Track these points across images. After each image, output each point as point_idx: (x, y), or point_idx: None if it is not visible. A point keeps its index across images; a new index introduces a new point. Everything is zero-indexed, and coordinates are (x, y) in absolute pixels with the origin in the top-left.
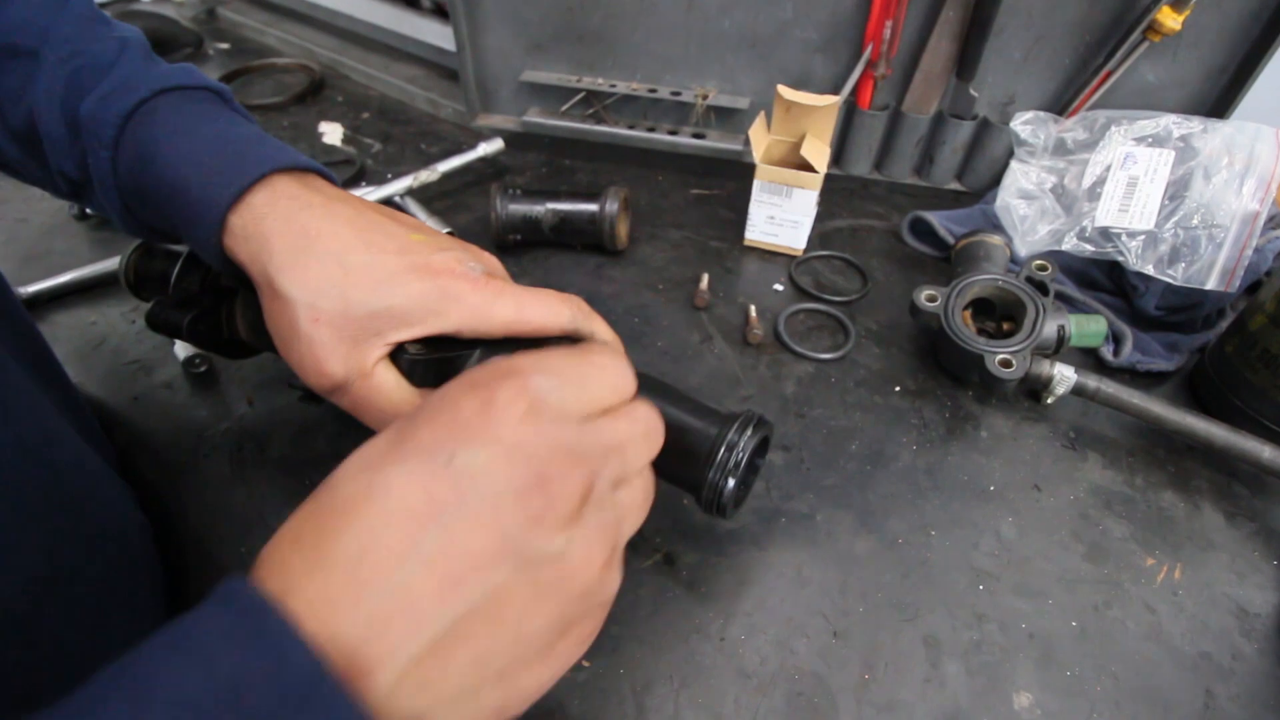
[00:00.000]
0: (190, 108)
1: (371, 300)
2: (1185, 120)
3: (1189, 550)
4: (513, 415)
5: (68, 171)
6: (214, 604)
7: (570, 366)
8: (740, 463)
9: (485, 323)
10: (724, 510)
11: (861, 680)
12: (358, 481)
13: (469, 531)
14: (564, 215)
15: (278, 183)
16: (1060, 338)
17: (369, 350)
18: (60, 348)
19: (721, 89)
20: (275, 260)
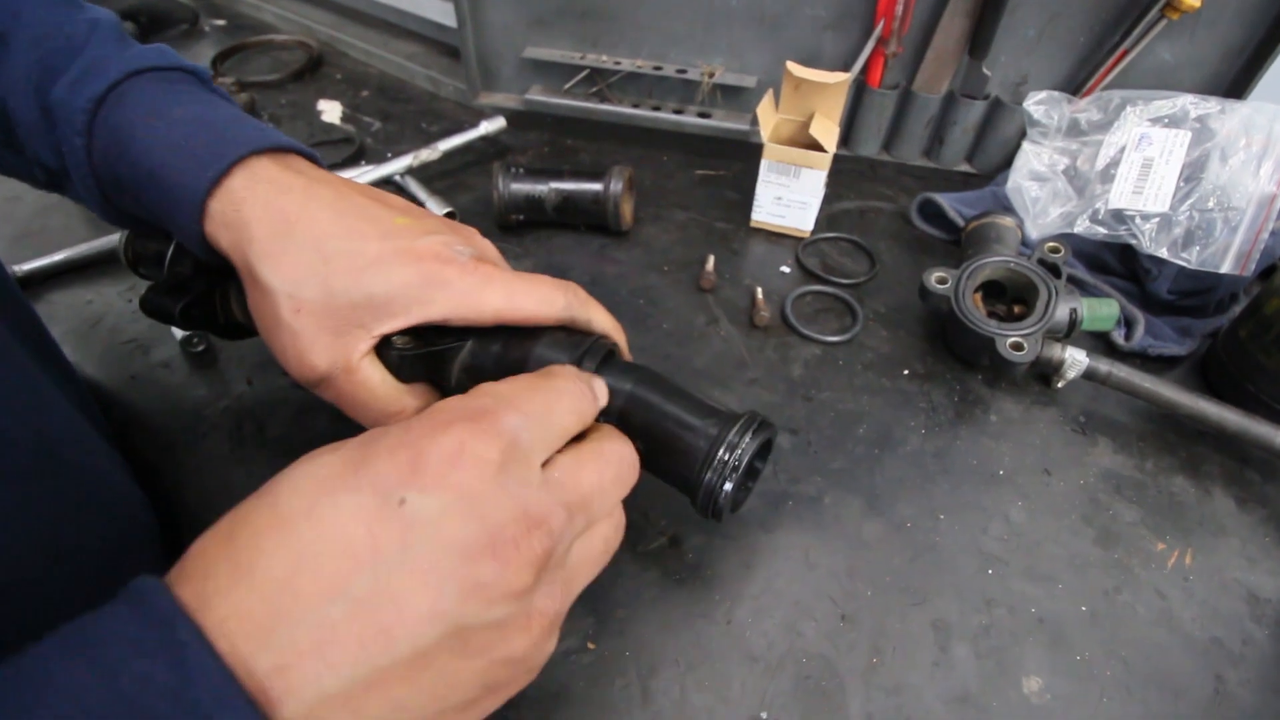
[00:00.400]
0: (164, 90)
1: (354, 289)
2: (1202, 101)
3: (1200, 535)
4: (482, 465)
5: (45, 160)
6: (123, 604)
7: (534, 398)
8: (739, 466)
9: (474, 311)
10: (719, 515)
11: (870, 664)
12: (302, 498)
13: (406, 586)
14: (567, 195)
15: (257, 165)
16: (1072, 321)
17: (353, 343)
18: (57, 327)
19: (728, 67)
20: (255, 248)
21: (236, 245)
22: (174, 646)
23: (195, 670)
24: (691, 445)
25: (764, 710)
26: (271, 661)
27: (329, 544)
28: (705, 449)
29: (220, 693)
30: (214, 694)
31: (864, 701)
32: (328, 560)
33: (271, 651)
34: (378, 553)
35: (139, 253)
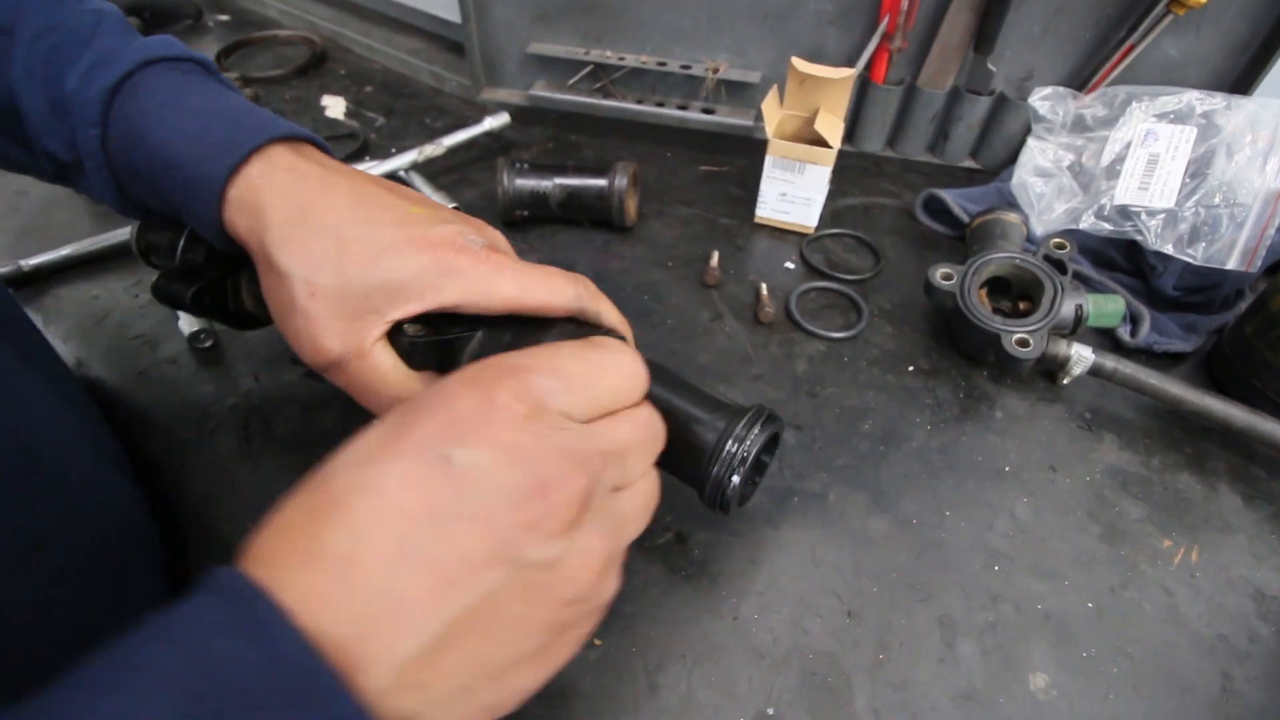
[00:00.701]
0: (176, 80)
1: (369, 275)
2: (1208, 96)
3: (1206, 532)
4: (512, 416)
5: (55, 152)
6: (206, 593)
7: (578, 367)
8: (747, 459)
9: (486, 299)
10: (726, 507)
11: (876, 660)
12: (351, 475)
13: (464, 534)
14: (572, 190)
15: (273, 153)
16: (1078, 317)
17: (367, 328)
18: (62, 322)
19: (732, 62)
20: (272, 234)
21: (253, 231)
22: (258, 624)
23: (282, 645)
24: (699, 438)
25: (770, 706)
26: (350, 633)
27: (385, 512)
28: (713, 442)
29: (307, 666)
30: (302, 668)
31: (870, 698)
32: (386, 527)
33: (349, 624)
34: (432, 510)
35: (151, 243)
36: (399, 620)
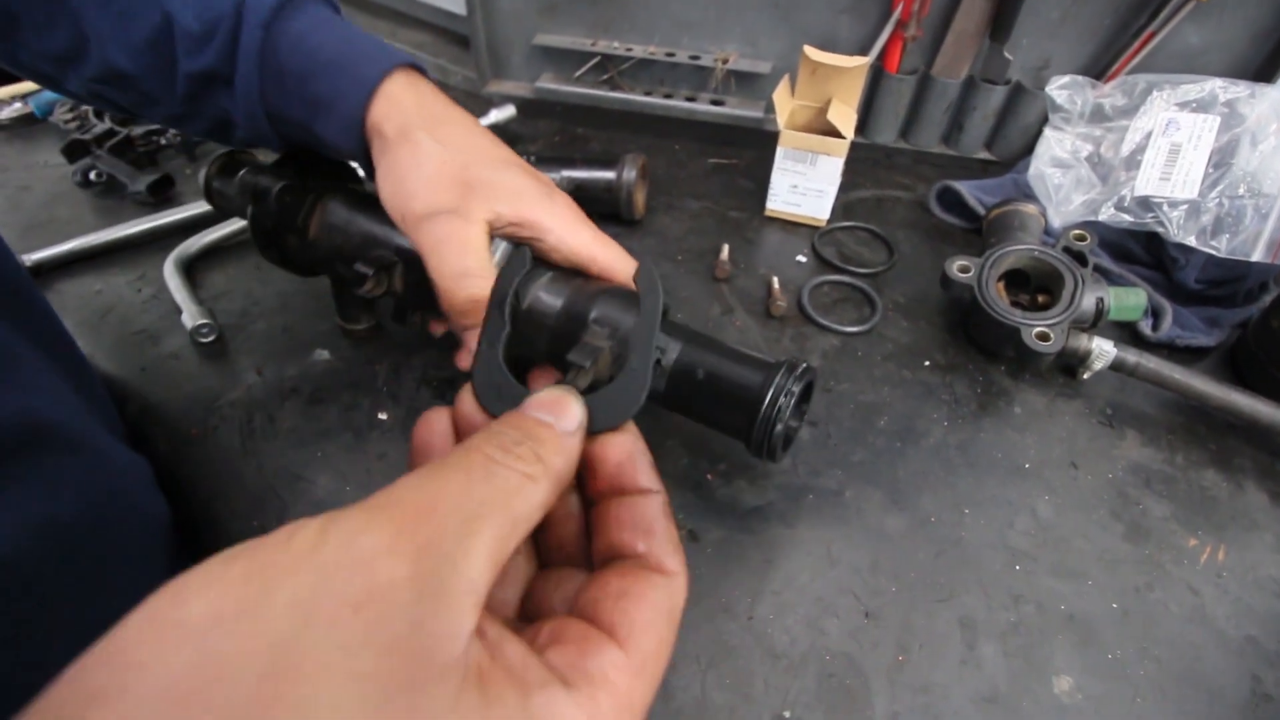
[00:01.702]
0: (323, 9)
1: (488, 173)
2: (1231, 84)
3: (1233, 531)
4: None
5: (200, 67)
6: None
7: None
8: (788, 407)
9: (571, 235)
10: (773, 453)
11: (895, 662)
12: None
13: None
14: (580, 183)
15: (411, 74)
16: (1099, 311)
17: (475, 202)
18: (66, 318)
19: (742, 53)
20: (413, 120)
21: (396, 119)
22: None
23: None
24: (742, 393)
25: (787, 709)
26: None
27: None
28: (755, 395)
29: None
30: None
31: (890, 701)
32: None
33: None
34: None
35: (219, 190)
36: None
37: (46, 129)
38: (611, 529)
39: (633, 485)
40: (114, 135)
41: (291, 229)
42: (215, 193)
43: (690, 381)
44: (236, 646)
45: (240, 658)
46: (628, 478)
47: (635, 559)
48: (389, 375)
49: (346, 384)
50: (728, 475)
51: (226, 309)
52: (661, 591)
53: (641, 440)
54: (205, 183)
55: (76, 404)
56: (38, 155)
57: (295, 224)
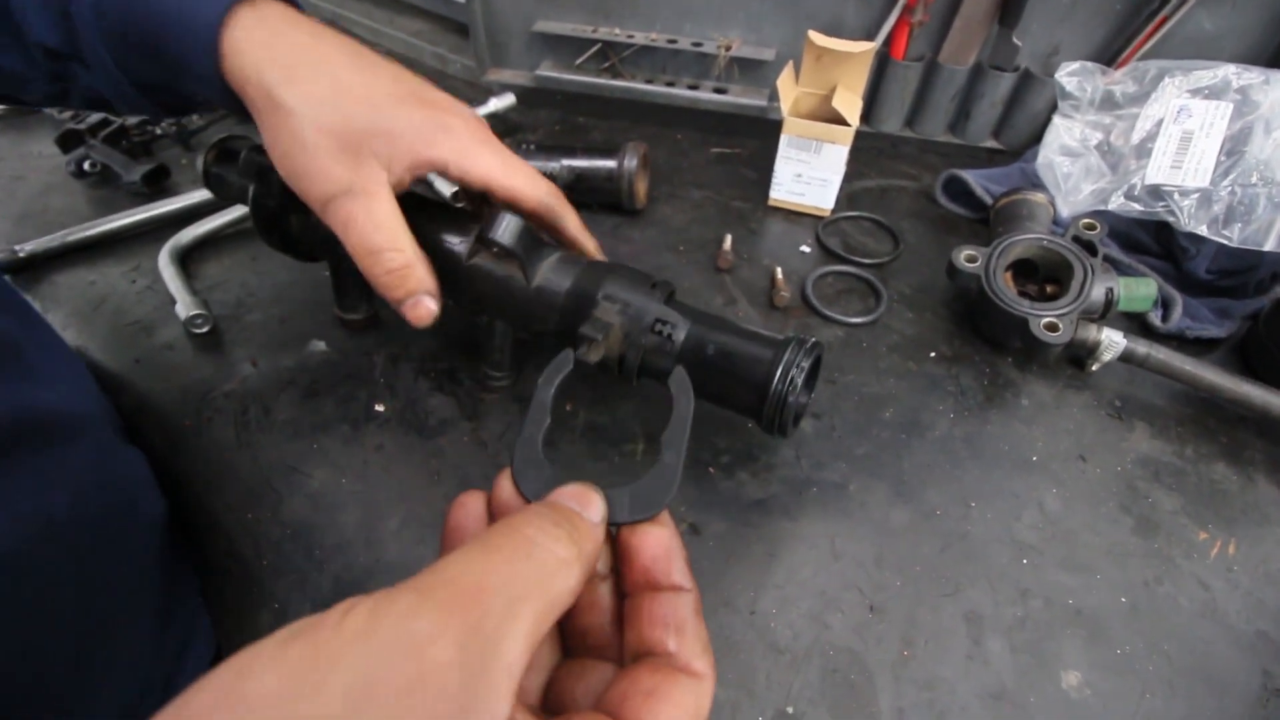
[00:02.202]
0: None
1: (370, 119)
2: (1244, 71)
3: (1244, 524)
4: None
5: (46, 39)
6: None
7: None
8: (799, 381)
9: (472, 164)
10: (784, 428)
11: (900, 657)
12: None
13: None
14: (580, 172)
15: (259, 4)
16: (1108, 301)
17: (372, 168)
18: (59, 309)
19: (746, 39)
20: (272, 74)
21: (253, 72)
22: None
23: None
24: (752, 371)
25: (790, 704)
26: None
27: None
28: (765, 372)
29: None
30: None
31: (894, 696)
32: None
33: None
34: None
35: (219, 175)
36: None
37: (41, 119)
38: (644, 624)
39: (666, 581)
40: (108, 125)
41: (295, 208)
42: (214, 178)
43: (700, 359)
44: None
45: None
46: (661, 573)
47: (665, 657)
48: (386, 367)
49: (343, 375)
50: (730, 468)
51: (222, 300)
52: (690, 695)
53: (678, 537)
54: (204, 169)
55: (75, 394)
56: (32, 145)
57: (299, 203)
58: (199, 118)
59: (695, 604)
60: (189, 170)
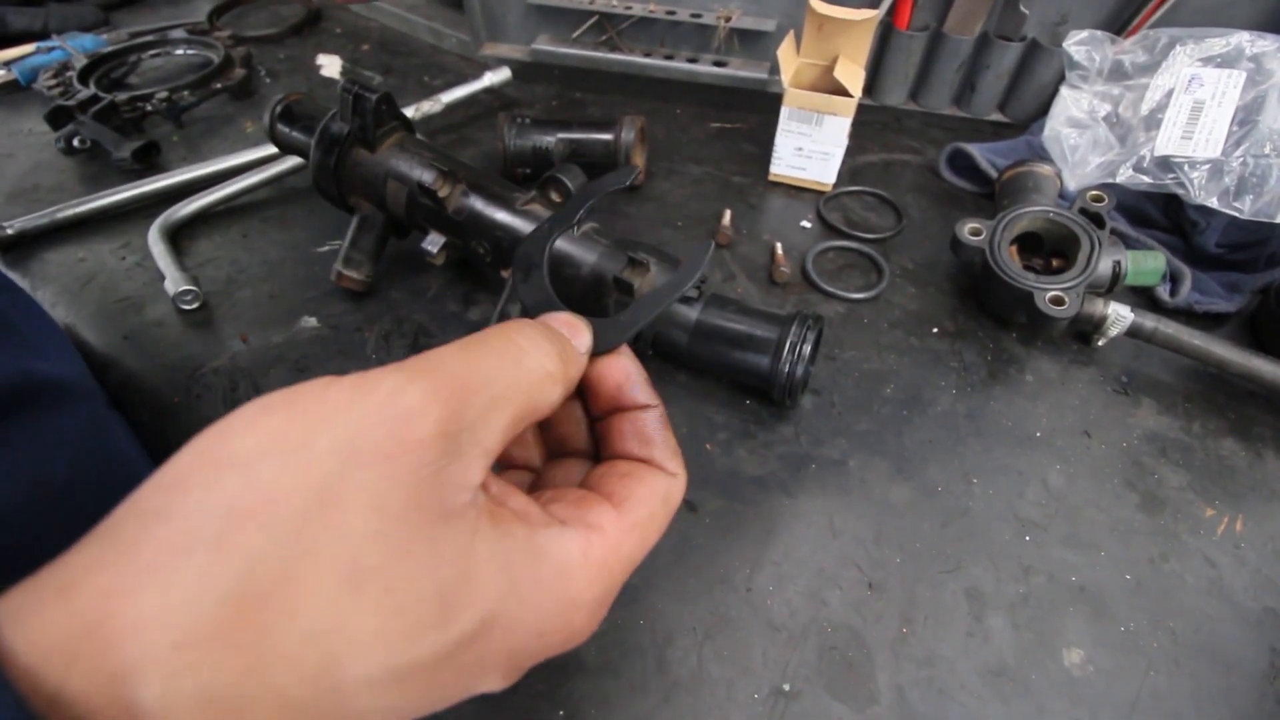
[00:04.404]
0: None
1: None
2: (1258, 38)
3: (1251, 501)
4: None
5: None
6: None
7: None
8: (804, 355)
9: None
10: (794, 395)
11: (899, 634)
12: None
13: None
14: (576, 146)
15: None
16: (1115, 275)
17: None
18: (49, 286)
19: (746, 10)
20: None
21: None
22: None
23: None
24: (760, 345)
25: (787, 682)
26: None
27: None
28: (773, 345)
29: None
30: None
31: (893, 673)
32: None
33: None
34: None
35: (284, 131)
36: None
37: (30, 96)
38: (615, 441)
39: (632, 402)
40: (98, 101)
41: (365, 140)
42: (280, 134)
43: (711, 335)
44: (283, 477)
45: (286, 486)
46: (627, 396)
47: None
48: (378, 343)
49: (334, 351)
50: (727, 445)
51: (212, 276)
52: (661, 480)
53: (637, 362)
54: (269, 124)
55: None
56: (21, 123)
57: (370, 136)
58: (190, 94)
59: (661, 417)
60: (179, 146)
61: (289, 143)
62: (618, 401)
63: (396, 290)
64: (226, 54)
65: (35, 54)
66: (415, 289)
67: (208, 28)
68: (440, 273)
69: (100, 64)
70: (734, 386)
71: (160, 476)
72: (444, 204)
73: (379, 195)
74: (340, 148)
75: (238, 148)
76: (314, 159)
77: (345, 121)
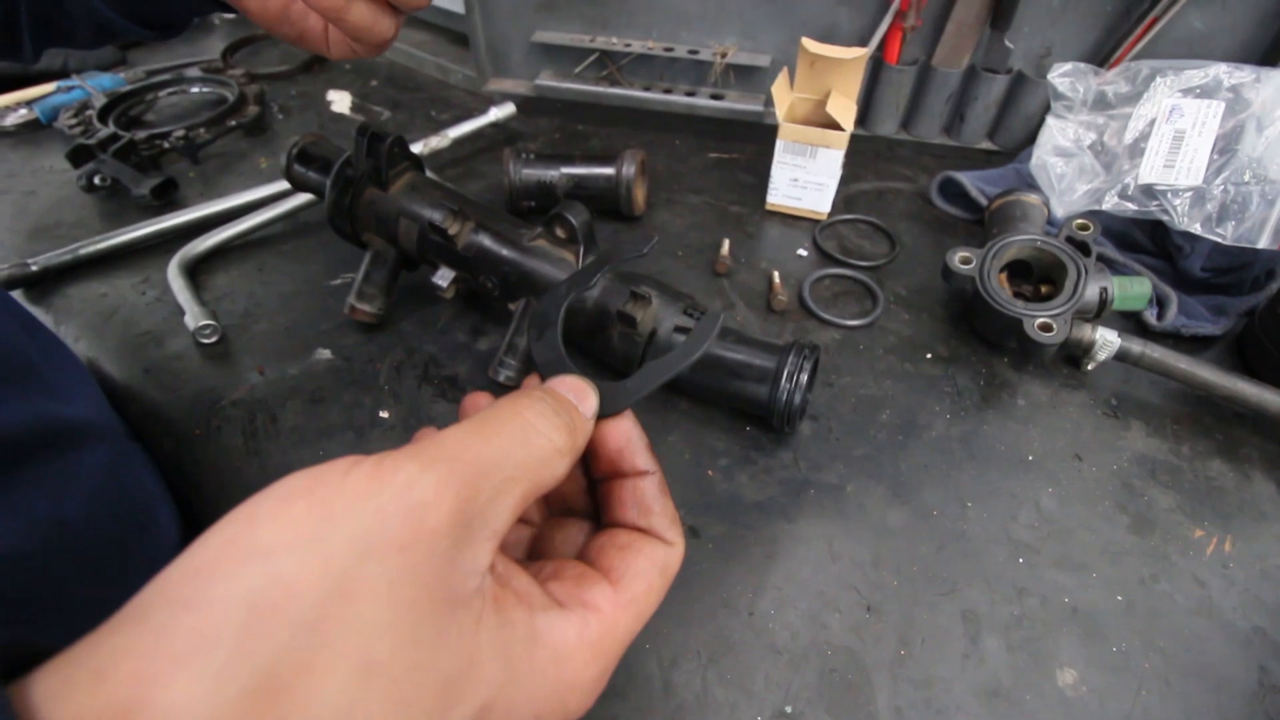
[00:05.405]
0: None
1: None
2: (1236, 69)
3: (1240, 521)
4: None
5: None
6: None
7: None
8: (801, 383)
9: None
10: (792, 422)
11: (897, 656)
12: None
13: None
14: (579, 180)
15: None
16: (1102, 300)
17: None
18: (72, 321)
19: (741, 46)
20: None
21: None
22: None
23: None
24: (760, 374)
25: (788, 704)
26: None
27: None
28: (772, 374)
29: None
30: None
31: (892, 695)
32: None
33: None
34: None
35: (300, 172)
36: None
37: (51, 134)
38: (614, 508)
39: (631, 467)
40: (118, 140)
41: (378, 180)
42: (296, 174)
43: (711, 365)
44: (302, 570)
45: (305, 579)
46: (626, 461)
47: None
48: (390, 374)
49: (348, 382)
50: (729, 471)
51: (229, 310)
52: (658, 551)
53: (638, 427)
54: (286, 165)
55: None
56: (43, 160)
57: (383, 176)
58: (205, 131)
59: (660, 484)
60: (196, 182)
61: (305, 182)
62: (617, 466)
63: (407, 322)
64: (240, 91)
65: (56, 93)
66: (425, 320)
67: (221, 66)
68: (449, 305)
69: (119, 102)
70: (735, 413)
71: (189, 561)
72: (454, 241)
73: (392, 232)
74: (355, 188)
75: (252, 183)
76: (330, 198)
77: (360, 163)
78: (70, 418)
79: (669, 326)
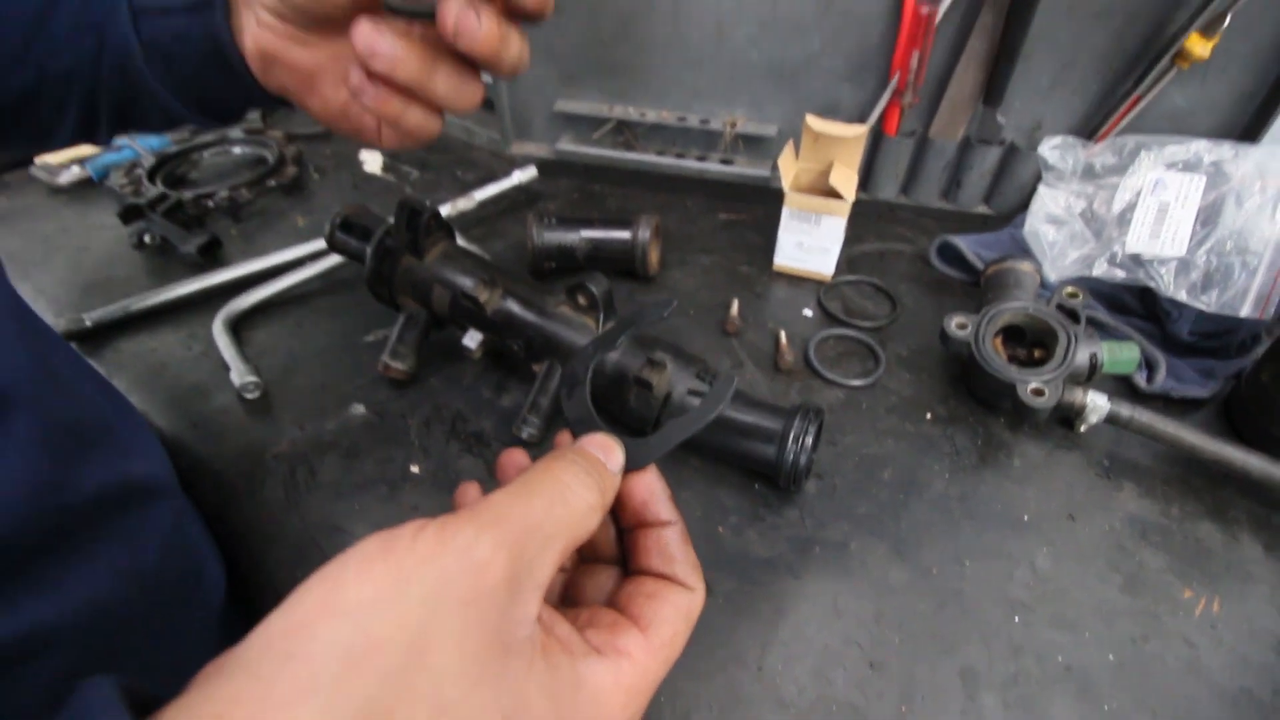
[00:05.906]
0: None
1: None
2: (1216, 145)
3: (1228, 582)
4: None
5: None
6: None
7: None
8: (807, 445)
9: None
10: (798, 481)
11: (899, 712)
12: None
13: None
14: (597, 243)
15: None
16: (1093, 365)
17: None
18: (124, 375)
19: (749, 117)
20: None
21: None
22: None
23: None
24: (767, 436)
25: None
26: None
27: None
28: (778, 436)
29: None
30: None
31: None
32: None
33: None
34: None
35: (342, 240)
36: None
37: (103, 192)
38: (640, 556)
39: (655, 518)
40: (166, 199)
41: (415, 250)
42: (338, 241)
43: (721, 426)
44: (386, 626)
45: (388, 633)
46: (650, 512)
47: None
48: (420, 429)
49: (380, 438)
50: (738, 528)
51: (270, 364)
52: (682, 597)
53: (661, 479)
54: (329, 234)
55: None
56: (95, 217)
57: (420, 246)
58: (247, 191)
59: (682, 534)
60: (238, 240)
61: (346, 248)
62: (642, 516)
63: (435, 378)
64: (280, 152)
65: (106, 152)
66: (452, 377)
67: (261, 127)
68: (475, 363)
69: (166, 162)
70: (744, 471)
71: (287, 618)
72: (484, 307)
73: (425, 297)
74: (392, 256)
75: (290, 241)
76: (370, 266)
77: (400, 234)
78: (144, 475)
79: (682, 390)
